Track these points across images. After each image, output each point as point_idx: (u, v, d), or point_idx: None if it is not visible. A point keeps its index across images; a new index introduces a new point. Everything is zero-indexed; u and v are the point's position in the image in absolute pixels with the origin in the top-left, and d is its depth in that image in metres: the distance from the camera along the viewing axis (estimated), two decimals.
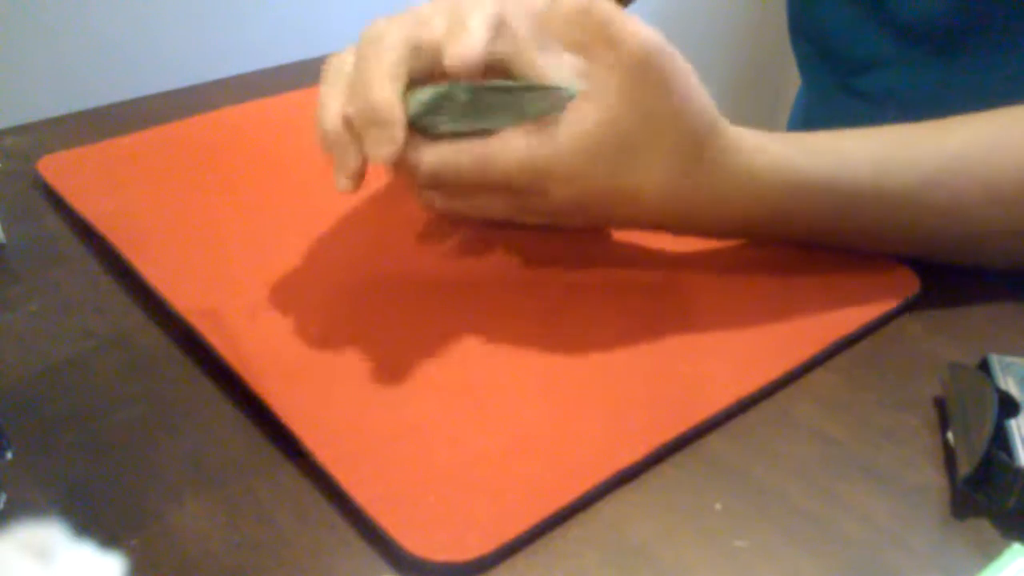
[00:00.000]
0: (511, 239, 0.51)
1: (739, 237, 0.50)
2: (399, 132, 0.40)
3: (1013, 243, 0.47)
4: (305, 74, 0.75)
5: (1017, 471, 0.35)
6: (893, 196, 0.45)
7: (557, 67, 0.42)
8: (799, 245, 0.50)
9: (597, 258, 0.50)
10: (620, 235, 0.52)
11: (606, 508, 0.36)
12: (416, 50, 0.42)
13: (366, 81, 0.41)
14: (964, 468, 0.36)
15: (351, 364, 0.42)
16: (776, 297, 0.47)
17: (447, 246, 0.51)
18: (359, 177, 0.43)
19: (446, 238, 0.52)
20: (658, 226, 0.47)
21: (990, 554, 0.34)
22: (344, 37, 0.47)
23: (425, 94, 0.42)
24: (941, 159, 0.46)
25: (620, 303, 0.47)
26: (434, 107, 0.42)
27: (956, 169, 0.46)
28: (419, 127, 0.42)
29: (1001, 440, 0.36)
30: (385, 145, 0.41)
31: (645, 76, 0.41)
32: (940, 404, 0.41)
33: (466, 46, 0.40)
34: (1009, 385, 0.38)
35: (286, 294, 0.47)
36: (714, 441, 0.39)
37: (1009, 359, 0.40)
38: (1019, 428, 0.36)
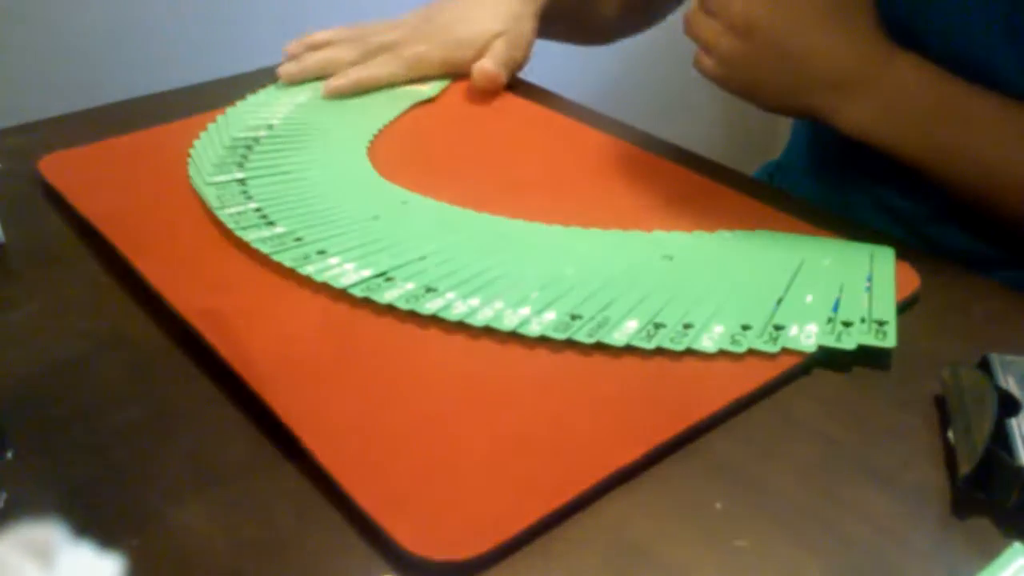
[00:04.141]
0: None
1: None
2: None
3: None
4: None
5: (1017, 470, 0.35)
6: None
7: None
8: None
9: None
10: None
11: (605, 507, 0.36)
12: None
13: None
14: (964, 467, 0.36)
15: (351, 364, 0.42)
16: None
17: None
18: None
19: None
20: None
21: (990, 553, 0.34)
22: None
23: None
24: None
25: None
26: None
27: None
28: None
29: (1001, 439, 0.36)
30: None
31: None
32: (940, 403, 0.41)
33: None
34: (1009, 384, 0.38)
35: (286, 294, 0.47)
36: (714, 440, 0.39)
37: (1009, 358, 0.40)
38: (1019, 427, 0.36)
